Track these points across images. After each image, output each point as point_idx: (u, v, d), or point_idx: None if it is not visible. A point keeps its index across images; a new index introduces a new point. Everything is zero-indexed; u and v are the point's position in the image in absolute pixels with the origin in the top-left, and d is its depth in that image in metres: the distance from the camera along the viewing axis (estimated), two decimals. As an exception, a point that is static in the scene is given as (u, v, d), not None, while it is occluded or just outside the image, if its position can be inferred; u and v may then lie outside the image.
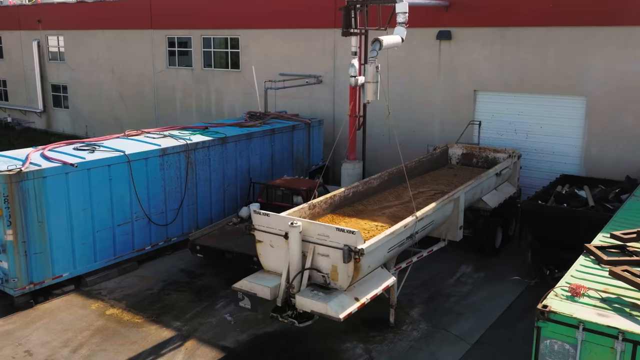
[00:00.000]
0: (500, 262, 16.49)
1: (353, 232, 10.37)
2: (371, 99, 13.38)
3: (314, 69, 23.95)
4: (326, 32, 23.34)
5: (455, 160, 19.28)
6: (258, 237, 11.57)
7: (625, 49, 17.61)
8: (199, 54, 27.58)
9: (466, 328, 12.88)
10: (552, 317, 7.97)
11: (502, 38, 19.56)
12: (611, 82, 17.99)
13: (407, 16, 13.63)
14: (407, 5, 13.60)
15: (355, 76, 13.77)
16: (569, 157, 19.26)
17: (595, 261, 9.66)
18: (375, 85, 12.93)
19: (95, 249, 14.92)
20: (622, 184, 17.03)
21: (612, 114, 18.15)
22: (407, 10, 13.60)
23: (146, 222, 16.04)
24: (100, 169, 14.69)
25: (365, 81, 13.04)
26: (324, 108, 24.00)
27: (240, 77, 26.39)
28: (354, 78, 13.75)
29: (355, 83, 13.87)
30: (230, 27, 26.19)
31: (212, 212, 18.06)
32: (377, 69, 12.83)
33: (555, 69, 18.83)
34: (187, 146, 16.84)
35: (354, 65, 13.92)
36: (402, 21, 13.49)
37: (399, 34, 13.17)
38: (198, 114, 28.11)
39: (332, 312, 10.24)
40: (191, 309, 13.72)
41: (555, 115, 19.25)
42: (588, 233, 14.45)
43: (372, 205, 14.63)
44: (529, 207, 15.33)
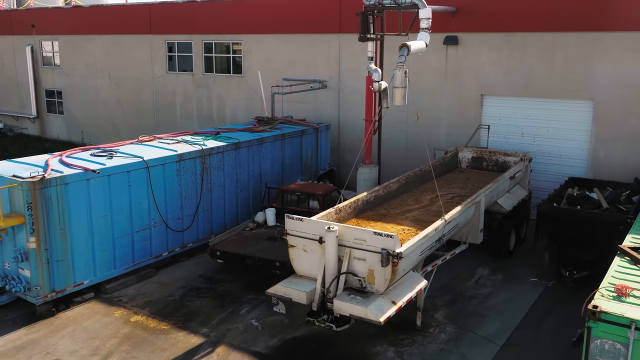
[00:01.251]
0: (515, 264, 16.69)
1: (391, 235, 10.45)
2: (399, 103, 13.51)
3: (318, 74, 24.03)
4: (331, 37, 23.46)
5: (466, 164, 19.49)
6: (291, 241, 11.60)
7: (632, 53, 17.98)
8: (200, 59, 27.50)
9: (492, 329, 13.03)
10: (603, 317, 8.12)
11: (508, 43, 19.84)
12: (618, 87, 18.35)
13: (430, 22, 13.81)
14: (430, 11, 13.78)
15: (379, 81, 13.89)
16: (576, 160, 19.57)
17: (632, 262, 9.85)
18: (403, 90, 13.06)
19: (115, 255, 14.81)
20: (631, 186, 17.38)
21: (618, 118, 18.50)
22: (430, 16, 13.77)
23: (163, 228, 15.96)
24: (120, 175, 14.60)
25: (394, 86, 13.16)
26: (329, 113, 24.09)
27: (242, 82, 26.38)
28: (377, 83, 13.86)
29: (378, 88, 13.99)
30: (233, 32, 26.17)
31: (226, 217, 18.02)
32: (405, 74, 12.98)
33: (562, 74, 19.15)
34: (203, 151, 16.80)
35: (378, 71, 14.03)
36: (425, 27, 13.67)
37: (423, 40, 13.33)
38: (199, 119, 28.02)
39: (372, 316, 10.31)
40: (216, 314, 13.67)
41: (562, 119, 19.57)
42: (604, 234, 14.82)
43: (393, 209, 14.74)
44: (545, 209, 15.54)
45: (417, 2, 14.26)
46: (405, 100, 13.39)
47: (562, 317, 13.60)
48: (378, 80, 13.92)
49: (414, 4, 14.38)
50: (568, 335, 12.58)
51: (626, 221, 14.56)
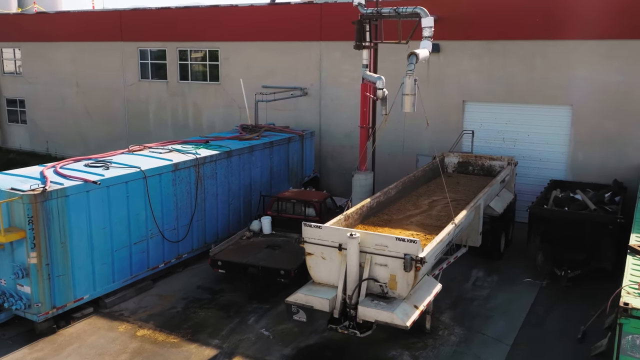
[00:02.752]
0: (507, 265, 17.14)
1: (414, 241, 10.61)
2: (409, 110, 13.71)
3: (299, 82, 24.08)
4: (312, 44, 23.57)
5: (452, 169, 19.92)
6: (308, 249, 11.60)
7: (608, 60, 18.82)
8: (175, 66, 27.12)
9: (499, 330, 13.35)
10: (635, 314, 8.47)
11: (489, 51, 20.43)
12: (595, 92, 19.15)
13: (432, 30, 14.10)
14: (432, 20, 14.07)
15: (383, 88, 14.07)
16: (556, 163, 20.28)
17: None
18: (413, 97, 13.28)
19: (114, 268, 14.44)
20: (611, 187, 18.16)
21: (596, 122, 19.30)
22: (432, 24, 14.06)
23: (160, 239, 15.66)
24: (119, 185, 14.26)
25: (403, 93, 13.35)
26: (310, 120, 24.16)
27: (220, 90, 26.16)
28: (382, 90, 14.04)
29: (382, 95, 14.16)
30: (209, 39, 25.94)
31: (219, 227, 17.83)
32: (415, 82, 13.20)
33: (541, 80, 19.84)
34: (197, 160, 16.60)
35: (382, 78, 14.20)
36: (428, 35, 13.93)
37: (426, 47, 13.61)
38: (174, 127, 27.60)
39: (399, 321, 10.42)
40: (224, 325, 13.50)
41: (542, 124, 20.26)
42: (594, 234, 15.43)
43: (395, 214, 14.93)
44: (538, 211, 16.06)
45: (418, 11, 14.54)
46: (414, 108, 13.63)
47: (562, 315, 14.06)
48: (382, 87, 14.10)
49: (415, 12, 14.65)
50: (572, 333, 13.17)
51: (616, 221, 15.25)
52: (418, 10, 14.50)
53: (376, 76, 14.52)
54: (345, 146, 23.69)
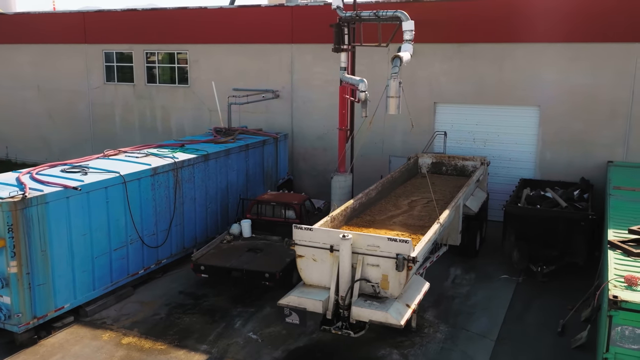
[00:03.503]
0: (483, 263, 17.55)
1: (406, 241, 10.79)
2: (394, 112, 13.90)
3: (270, 84, 24.05)
4: (283, 47, 23.58)
5: (426, 169, 20.24)
6: (299, 251, 11.65)
7: (574, 62, 19.50)
8: (142, 69, 26.68)
9: (482, 326, 13.67)
10: (624, 306, 8.84)
11: (460, 53, 20.88)
12: (562, 93, 19.82)
13: (413, 34, 14.32)
14: (413, 24, 14.29)
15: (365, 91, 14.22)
16: (525, 163, 20.89)
17: (625, 254, 10.76)
18: (397, 99, 13.47)
19: (94, 276, 14.13)
20: (578, 185, 18.83)
21: (563, 122, 19.97)
22: (413, 28, 14.28)
23: (140, 244, 15.41)
24: (99, 191, 13.97)
25: (388, 96, 13.54)
26: (282, 122, 24.16)
27: (189, 92, 25.88)
28: (364, 93, 14.19)
29: (364, 98, 14.32)
30: (177, 41, 25.63)
31: (197, 231, 17.67)
32: (400, 84, 13.39)
33: (510, 82, 20.41)
34: (176, 164, 16.40)
35: (364, 81, 14.35)
36: (409, 38, 14.16)
37: (407, 51, 13.82)
38: (141, 131, 27.15)
39: (393, 320, 10.58)
40: (211, 330, 13.40)
41: (511, 124, 20.84)
42: (567, 231, 15.98)
43: (377, 215, 15.11)
44: (513, 210, 16.52)
45: (399, 15, 14.76)
46: (399, 110, 13.82)
47: (540, 310, 14.50)
48: (365, 90, 14.25)
49: (396, 16, 14.86)
50: (552, 327, 13.59)
51: (587, 217, 15.83)
52: (399, 14, 14.74)
53: (358, 79, 14.67)
54: (317, 148, 23.80)
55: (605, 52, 19.05)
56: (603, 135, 19.54)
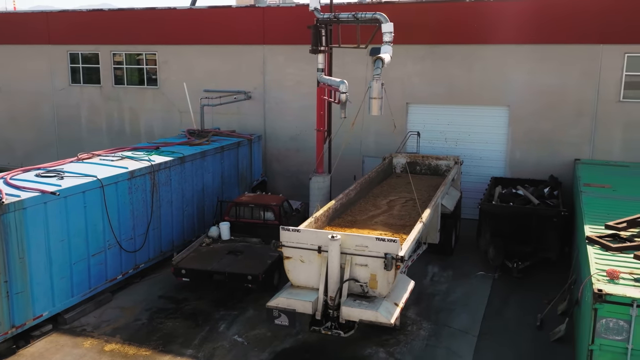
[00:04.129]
0: (459, 260, 17.87)
1: (394, 240, 10.93)
2: (376, 113, 14.03)
3: (242, 85, 23.94)
4: (255, 48, 23.50)
5: (400, 169, 20.50)
6: (287, 253, 11.66)
7: (541, 63, 20.05)
8: (109, 70, 26.17)
9: (463, 322, 13.94)
10: (608, 299, 9.17)
11: (432, 54, 21.21)
12: (530, 94, 20.36)
13: (392, 35, 14.49)
14: (392, 26, 14.45)
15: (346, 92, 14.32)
16: (495, 161, 21.37)
17: (603, 249, 11.15)
18: (380, 101, 13.61)
19: (73, 282, 13.83)
20: (548, 183, 19.38)
21: (532, 122, 20.51)
22: (392, 30, 14.44)
23: (118, 249, 15.15)
24: (76, 195, 13.68)
25: (371, 97, 13.65)
26: (254, 124, 24.07)
27: (158, 94, 25.52)
28: (345, 94, 14.29)
29: (345, 99, 14.42)
30: (146, 42, 25.24)
31: (174, 234, 17.46)
32: (382, 86, 13.52)
33: (480, 82, 20.85)
34: (152, 167, 16.18)
35: (344, 82, 14.44)
36: (388, 40, 14.30)
37: (387, 52, 13.97)
38: (109, 133, 26.64)
39: (383, 319, 10.70)
40: (195, 334, 13.28)
41: (482, 124, 21.29)
42: (538, 227, 16.45)
43: (358, 215, 15.23)
44: (489, 208, 16.89)
45: (378, 17, 14.89)
46: (381, 111, 13.97)
47: (518, 305, 14.87)
48: (345, 91, 14.36)
49: (375, 18, 15.00)
50: (530, 321, 13.96)
51: (560, 214, 16.33)
52: (378, 16, 14.88)
53: (338, 80, 14.75)
54: (290, 149, 23.81)
55: (572, 53, 19.66)
56: (570, 134, 20.16)
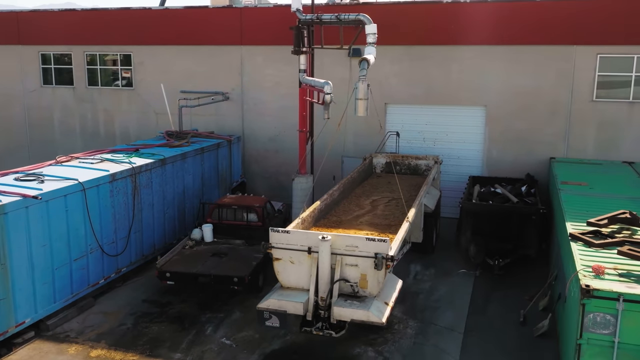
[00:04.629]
0: (440, 258, 18.08)
1: (384, 240, 11.02)
2: (362, 114, 14.09)
3: (220, 86, 23.79)
4: (233, 48, 23.39)
5: (380, 169, 20.65)
6: (276, 254, 11.65)
7: (516, 64, 20.44)
8: (82, 71, 25.72)
9: (449, 320, 14.12)
10: (596, 294, 9.42)
11: (409, 55, 21.42)
12: (506, 94, 20.73)
13: (376, 37, 14.58)
14: (375, 27, 14.55)
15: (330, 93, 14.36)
16: (472, 160, 21.69)
17: (586, 245, 11.44)
18: (366, 102, 13.68)
19: (55, 288, 13.57)
20: (524, 181, 19.76)
21: (508, 121, 20.89)
22: (376, 31, 14.54)
23: (100, 254, 14.91)
24: (58, 199, 13.43)
25: (357, 98, 13.71)
26: (232, 125, 23.94)
27: (134, 95, 25.19)
28: (329, 95, 14.33)
29: (330, 100, 14.46)
30: (121, 42, 24.88)
31: (155, 237, 17.26)
32: (368, 86, 13.60)
33: (458, 83, 21.14)
34: (134, 170, 15.97)
35: (329, 83, 14.48)
36: (372, 41, 14.39)
37: (371, 54, 14.07)
38: (83, 136, 26.17)
39: (374, 318, 10.79)
40: (182, 338, 13.16)
41: (459, 124, 21.59)
42: (518, 225, 16.77)
43: (343, 215, 15.30)
44: (470, 206, 17.14)
45: (362, 19, 14.97)
46: (367, 112, 14.05)
47: (500, 301, 15.12)
48: (330, 92, 14.40)
49: (359, 20, 15.07)
50: (513, 318, 14.23)
51: (539, 212, 16.68)
52: (361, 18, 14.97)
53: (323, 81, 14.79)
54: (269, 150, 23.77)
55: (546, 54, 20.08)
56: (545, 133, 20.58)
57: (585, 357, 9.67)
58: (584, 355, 9.68)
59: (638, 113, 19.71)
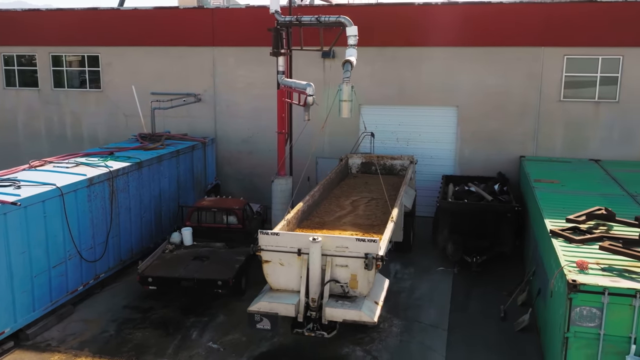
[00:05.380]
0: (417, 256, 18.36)
1: (374, 240, 11.14)
2: (347, 116, 14.17)
3: (191, 87, 23.54)
4: (204, 49, 23.18)
5: (356, 169, 20.81)
6: (265, 257, 11.64)
7: (487, 65, 20.91)
8: (47, 73, 25.06)
9: (432, 317, 14.37)
10: (582, 288, 9.74)
11: (382, 56, 21.65)
12: (477, 94, 21.18)
13: (357, 39, 14.69)
14: (356, 29, 14.65)
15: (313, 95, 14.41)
16: (445, 160, 22.08)
17: (567, 241, 11.80)
18: (350, 103, 13.76)
19: (34, 296, 13.23)
20: (496, 179, 20.22)
21: (479, 121, 21.34)
22: (357, 33, 14.64)
23: (78, 260, 14.60)
24: (36, 205, 13.10)
25: (341, 100, 13.78)
26: (205, 126, 23.73)
27: (102, 97, 24.69)
28: (312, 97, 14.37)
29: (312, 102, 14.50)
30: (87, 43, 24.34)
31: (133, 242, 16.99)
32: (352, 88, 13.68)
33: (430, 83, 21.48)
34: (111, 174, 15.69)
35: (311, 85, 14.51)
36: (353, 43, 14.48)
37: (352, 55, 14.17)
38: (49, 139, 25.51)
39: (366, 318, 10.91)
40: (167, 343, 13.01)
41: (432, 124, 21.94)
42: (494, 222, 17.17)
43: (325, 216, 15.38)
44: (447, 205, 17.45)
45: (343, 21, 15.05)
46: (351, 113, 14.14)
47: (480, 298, 15.46)
48: (313, 94, 14.45)
49: (339, 22, 15.15)
50: (493, 313, 14.57)
51: (514, 209, 17.11)
52: (342, 20, 15.06)
53: (305, 83, 14.82)
54: (242, 152, 23.66)
55: (516, 56, 20.60)
56: (515, 132, 21.12)
57: (573, 350, 9.99)
58: (571, 347, 9.99)
59: (603, 112, 20.42)
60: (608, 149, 20.54)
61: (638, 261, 10.55)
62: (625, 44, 19.80)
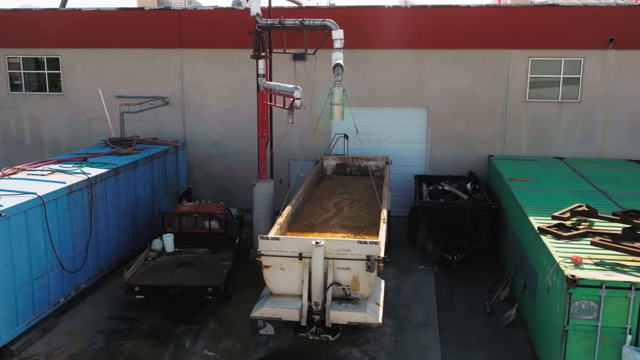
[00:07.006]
0: (396, 256, 18.51)
1: (376, 242, 11.27)
2: (338, 119, 14.18)
3: (158, 90, 23.06)
4: (171, 51, 22.76)
5: (331, 171, 20.92)
6: (266, 262, 11.57)
7: (455, 67, 21.44)
8: (4, 76, 24.00)
9: (421, 315, 14.62)
10: (581, 283, 10.17)
11: (353, 58, 21.76)
12: (446, 95, 21.68)
13: (343, 42, 14.75)
14: (342, 32, 14.71)
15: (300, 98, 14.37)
16: (416, 160, 22.49)
17: (555, 238, 12.27)
18: (342, 106, 13.80)
19: (17, 310, 12.67)
20: (467, 178, 20.76)
21: (448, 122, 21.85)
22: (342, 36, 14.70)
23: (60, 270, 14.08)
24: (18, 215, 12.56)
25: (333, 103, 13.79)
26: (173, 130, 23.30)
27: (63, 101, 23.84)
28: (299, 100, 14.34)
29: (300, 105, 14.47)
30: (47, 45, 23.45)
31: (111, 250, 16.52)
32: (344, 92, 13.73)
33: (400, 85, 21.83)
34: (90, 180, 15.21)
35: (299, 88, 14.48)
36: (339, 46, 14.54)
37: (339, 58, 14.24)
38: (5, 145, 24.44)
39: (371, 319, 11.02)
40: (162, 353, 12.74)
41: (403, 125, 22.30)
42: (471, 220, 17.64)
43: (312, 219, 15.39)
44: (426, 205, 17.80)
45: (328, 24, 15.08)
46: (343, 117, 14.19)
47: (463, 295, 15.84)
48: (300, 97, 14.42)
49: (324, 25, 15.18)
50: (479, 309, 14.97)
51: (490, 207, 17.62)
52: (327, 23, 15.10)
53: (292, 86, 14.77)
54: (213, 155, 23.37)
55: (483, 58, 21.21)
56: (483, 132, 21.74)
57: (572, 342, 10.40)
58: (570, 340, 10.41)
59: (566, 112, 21.29)
60: (571, 147, 21.45)
61: (628, 255, 11.09)
62: (586, 47, 20.72)
